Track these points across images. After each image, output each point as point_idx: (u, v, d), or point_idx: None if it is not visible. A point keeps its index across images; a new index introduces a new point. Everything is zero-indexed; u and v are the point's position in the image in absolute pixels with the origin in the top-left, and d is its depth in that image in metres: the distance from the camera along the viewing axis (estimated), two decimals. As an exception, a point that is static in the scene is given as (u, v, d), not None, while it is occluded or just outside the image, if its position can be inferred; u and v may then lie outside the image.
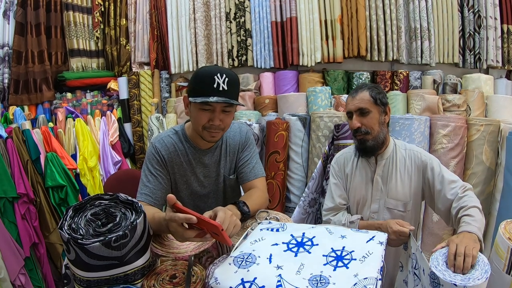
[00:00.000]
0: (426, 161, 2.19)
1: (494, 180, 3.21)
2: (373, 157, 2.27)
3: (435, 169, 2.15)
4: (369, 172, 2.29)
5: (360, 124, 2.16)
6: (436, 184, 2.13)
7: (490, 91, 3.88)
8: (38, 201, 3.47)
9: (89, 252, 1.31)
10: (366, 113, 2.16)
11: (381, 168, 2.25)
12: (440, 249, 1.65)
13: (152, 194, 1.92)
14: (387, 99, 2.25)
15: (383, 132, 2.19)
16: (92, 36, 4.73)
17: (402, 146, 2.29)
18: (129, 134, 4.45)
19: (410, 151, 2.25)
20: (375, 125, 2.16)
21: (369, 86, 2.22)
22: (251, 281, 1.28)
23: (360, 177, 2.31)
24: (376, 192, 2.26)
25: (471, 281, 1.40)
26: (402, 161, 2.23)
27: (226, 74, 1.79)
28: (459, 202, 2.00)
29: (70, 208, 1.43)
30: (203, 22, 4.24)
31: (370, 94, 2.16)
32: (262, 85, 4.20)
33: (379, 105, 2.17)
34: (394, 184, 2.22)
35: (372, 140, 2.16)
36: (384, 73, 4.03)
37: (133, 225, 1.37)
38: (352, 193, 2.34)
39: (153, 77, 4.48)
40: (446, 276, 1.44)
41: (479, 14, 4.07)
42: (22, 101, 4.16)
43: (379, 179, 2.25)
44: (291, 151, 3.66)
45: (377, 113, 2.17)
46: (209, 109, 1.82)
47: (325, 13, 3.99)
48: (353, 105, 2.19)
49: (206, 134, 1.88)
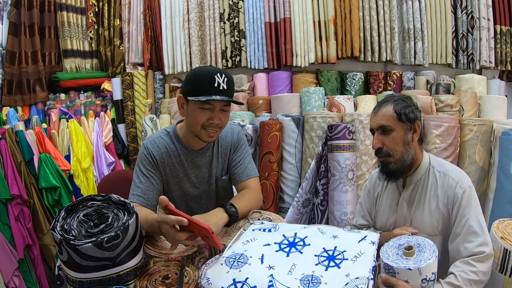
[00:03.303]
0: (458, 194, 1.82)
1: (487, 179, 3.23)
2: (401, 180, 2.00)
3: (462, 208, 1.80)
4: (396, 195, 2.03)
5: (382, 145, 1.90)
6: (457, 226, 1.80)
7: (483, 91, 3.90)
8: (32, 202, 3.46)
9: (81, 253, 1.31)
10: (388, 132, 1.88)
11: (409, 192, 1.97)
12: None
13: (144, 195, 1.92)
14: (418, 112, 1.94)
15: (409, 153, 1.88)
16: (86, 36, 4.72)
17: (441, 168, 1.93)
18: (122, 135, 4.44)
19: (446, 177, 1.89)
20: (398, 145, 1.87)
21: (395, 98, 1.94)
22: (242, 281, 1.28)
23: (387, 200, 2.07)
24: (400, 219, 1.99)
25: (423, 262, 1.47)
26: (434, 187, 1.90)
27: (224, 74, 1.83)
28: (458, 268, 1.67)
29: (63, 209, 1.43)
30: (197, 22, 4.24)
31: (394, 109, 1.88)
32: (255, 85, 4.20)
33: (405, 121, 1.87)
34: (420, 213, 1.91)
35: (395, 163, 1.89)
36: (377, 73, 4.04)
37: (125, 226, 1.37)
38: (379, 217, 2.11)
39: (147, 78, 4.47)
40: (399, 263, 1.49)
41: (472, 15, 4.10)
42: (15, 102, 4.15)
43: (404, 204, 1.97)
44: (285, 151, 3.66)
45: (401, 131, 1.88)
46: (209, 108, 1.84)
47: (319, 14, 4.00)
48: (374, 122, 1.94)
49: (204, 133, 1.89)
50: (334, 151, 3.27)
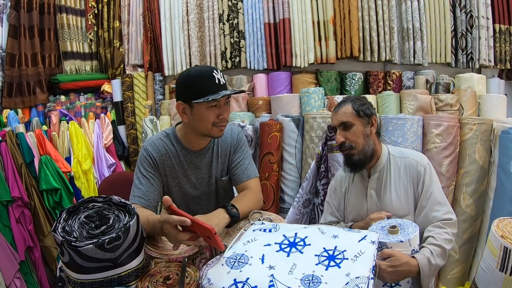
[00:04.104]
0: (421, 171, 2.08)
1: (487, 178, 3.23)
2: (366, 171, 2.21)
3: (426, 183, 2.06)
4: (363, 187, 2.22)
5: (344, 139, 2.11)
6: (422, 199, 2.06)
7: (483, 90, 3.90)
8: (33, 204, 3.46)
9: (83, 254, 1.31)
10: (349, 127, 2.10)
11: (375, 181, 2.18)
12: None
13: (145, 196, 1.93)
14: (373, 109, 2.18)
15: (369, 145, 2.11)
16: (85, 38, 4.72)
17: (398, 154, 2.19)
18: (123, 136, 4.44)
19: (406, 160, 2.14)
20: (359, 138, 2.10)
21: (352, 98, 2.18)
22: (243, 281, 1.29)
23: (355, 193, 2.25)
24: (371, 207, 2.17)
25: (411, 235, 1.76)
26: (397, 172, 2.14)
27: (218, 69, 1.87)
28: (433, 231, 1.94)
29: (64, 210, 1.44)
30: (196, 24, 4.25)
31: (352, 107, 2.11)
32: (255, 86, 4.20)
33: (363, 117, 2.11)
34: (388, 198, 2.12)
35: (358, 154, 2.10)
36: (377, 73, 4.05)
37: (126, 227, 1.38)
38: (348, 211, 2.28)
39: (147, 79, 4.48)
40: (391, 239, 1.75)
41: (471, 14, 4.10)
42: (15, 104, 4.15)
43: (373, 193, 2.17)
44: (285, 152, 3.66)
45: (361, 125, 2.11)
46: (215, 105, 1.85)
47: (318, 14, 4.01)
48: (336, 120, 2.15)
49: (216, 130, 1.91)
50: (334, 151, 3.27)
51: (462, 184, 3.22)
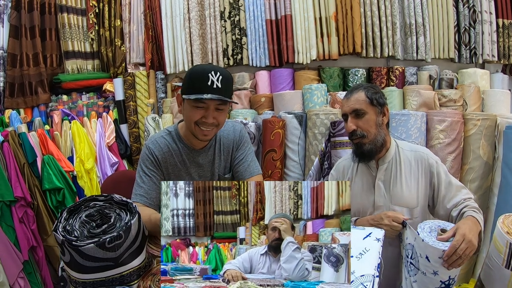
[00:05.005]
0: (433, 164, 2.09)
1: (492, 174, 3.22)
2: (374, 162, 2.16)
3: (441, 174, 2.08)
4: (369, 178, 2.18)
5: (356, 127, 2.05)
6: (442, 189, 2.06)
7: (486, 85, 3.88)
8: (36, 204, 3.46)
9: (84, 253, 1.30)
10: (361, 115, 2.04)
11: (383, 172, 2.14)
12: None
13: (147, 195, 1.92)
14: (385, 99, 2.14)
15: (381, 135, 2.07)
16: (87, 37, 4.71)
17: (407, 147, 2.18)
18: (125, 135, 4.43)
19: (417, 153, 2.13)
20: (371, 127, 2.04)
21: (365, 86, 2.12)
22: None
23: (360, 184, 2.20)
24: (379, 198, 2.13)
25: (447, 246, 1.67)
26: (408, 163, 2.12)
27: (220, 72, 1.80)
28: (461, 205, 1.99)
29: (65, 210, 1.43)
30: (197, 21, 4.23)
31: (366, 94, 2.05)
32: (257, 83, 4.19)
33: (376, 105, 2.05)
34: (399, 189, 2.09)
35: (369, 144, 2.04)
36: (379, 69, 4.03)
37: (128, 226, 1.37)
38: (352, 201, 2.20)
39: (149, 78, 4.46)
40: (436, 244, 1.65)
41: (474, 9, 4.07)
42: (17, 104, 4.14)
43: (381, 184, 2.13)
44: (288, 149, 3.65)
45: (373, 114, 2.05)
46: (202, 106, 1.82)
47: (320, 11, 3.98)
48: (347, 107, 2.09)
49: (198, 131, 1.88)
50: (337, 147, 3.26)
51: (466, 180, 3.21)
